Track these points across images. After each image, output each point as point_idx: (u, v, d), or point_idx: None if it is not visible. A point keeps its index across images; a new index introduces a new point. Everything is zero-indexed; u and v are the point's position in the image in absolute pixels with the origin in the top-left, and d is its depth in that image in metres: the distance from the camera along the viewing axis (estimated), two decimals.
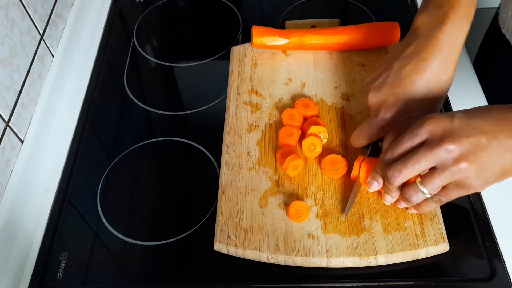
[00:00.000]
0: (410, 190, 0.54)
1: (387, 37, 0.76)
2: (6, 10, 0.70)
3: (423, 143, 0.51)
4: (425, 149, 0.50)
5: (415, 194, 0.54)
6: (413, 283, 0.58)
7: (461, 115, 0.50)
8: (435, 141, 0.49)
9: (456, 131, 0.49)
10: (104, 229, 0.65)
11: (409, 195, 0.54)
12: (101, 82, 0.82)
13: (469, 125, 0.49)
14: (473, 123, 0.49)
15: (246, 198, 0.63)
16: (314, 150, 0.66)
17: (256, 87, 0.75)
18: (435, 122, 0.50)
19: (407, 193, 0.54)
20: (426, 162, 0.50)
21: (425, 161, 0.50)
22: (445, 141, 0.48)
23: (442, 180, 0.50)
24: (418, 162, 0.50)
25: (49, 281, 0.61)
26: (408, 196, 0.54)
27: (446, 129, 0.49)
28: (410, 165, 0.51)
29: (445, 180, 0.50)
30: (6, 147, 0.69)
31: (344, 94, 0.73)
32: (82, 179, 0.70)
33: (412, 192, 0.54)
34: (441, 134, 0.49)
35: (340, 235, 0.59)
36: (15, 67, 0.72)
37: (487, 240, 0.60)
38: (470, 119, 0.49)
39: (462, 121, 0.49)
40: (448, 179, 0.50)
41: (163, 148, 0.74)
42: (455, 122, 0.49)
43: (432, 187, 0.51)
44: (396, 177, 0.52)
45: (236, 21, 0.91)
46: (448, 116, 0.50)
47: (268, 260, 0.59)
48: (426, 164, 0.50)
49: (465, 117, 0.49)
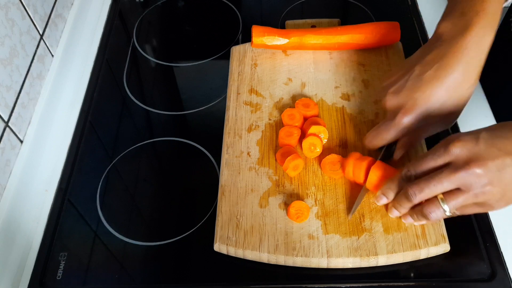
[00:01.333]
0: (431, 207, 0.53)
1: (387, 37, 0.76)
2: (6, 10, 0.70)
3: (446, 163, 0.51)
4: (450, 171, 0.50)
5: (436, 211, 0.53)
6: (413, 283, 0.58)
7: (486, 136, 0.49)
8: (460, 164, 0.49)
9: (482, 154, 0.48)
10: (104, 229, 0.65)
11: (429, 212, 0.53)
12: (101, 82, 0.82)
13: (494, 146, 0.48)
14: (498, 143, 0.48)
15: (246, 198, 0.63)
16: (314, 150, 0.65)
17: (256, 87, 0.75)
18: (460, 144, 0.49)
19: (427, 209, 0.54)
20: (450, 184, 0.50)
21: (449, 183, 0.50)
22: (471, 165, 0.48)
23: (466, 201, 0.50)
24: (441, 183, 0.50)
25: (48, 281, 0.60)
26: (427, 212, 0.54)
27: (472, 151, 0.49)
28: (433, 185, 0.51)
29: (468, 201, 0.50)
30: (5, 147, 0.68)
31: (344, 94, 0.73)
32: (82, 179, 0.70)
33: (433, 209, 0.53)
34: (467, 157, 0.49)
35: (340, 235, 0.59)
36: (15, 67, 0.72)
37: (488, 240, 0.60)
38: (495, 140, 0.48)
39: (487, 142, 0.48)
40: (471, 201, 0.50)
41: (163, 148, 0.74)
42: (480, 144, 0.49)
43: (454, 206, 0.51)
44: (417, 195, 0.52)
45: (236, 21, 0.91)
46: (473, 137, 0.49)
47: (268, 260, 0.59)
48: (449, 185, 0.50)
49: (489, 138, 0.49)
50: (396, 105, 0.58)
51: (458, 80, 0.55)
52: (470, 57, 0.54)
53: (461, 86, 0.55)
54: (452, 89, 0.55)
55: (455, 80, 0.55)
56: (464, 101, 0.57)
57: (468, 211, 0.52)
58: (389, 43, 0.78)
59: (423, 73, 0.56)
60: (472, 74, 0.55)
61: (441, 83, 0.55)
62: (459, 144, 0.49)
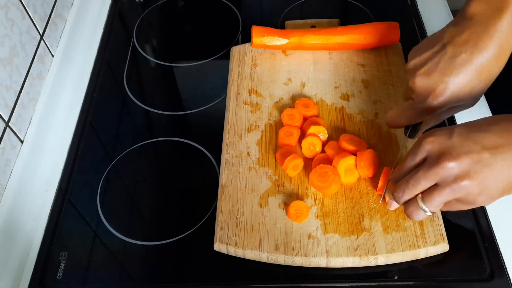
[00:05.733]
0: (410, 207, 0.53)
1: (387, 37, 0.76)
2: (6, 10, 0.70)
3: (424, 161, 0.50)
4: (425, 169, 0.49)
5: (415, 210, 0.52)
6: (412, 283, 0.58)
7: (461, 130, 0.48)
8: (433, 160, 0.48)
9: (455, 148, 0.47)
10: (104, 229, 0.65)
11: (409, 212, 0.53)
12: (101, 82, 0.82)
13: (469, 140, 0.47)
14: (474, 137, 0.47)
15: (246, 198, 0.63)
16: (314, 150, 0.66)
17: (256, 87, 0.75)
18: (432, 140, 0.49)
19: (407, 210, 0.53)
20: (426, 181, 0.49)
21: (425, 180, 0.49)
22: (443, 159, 0.47)
23: (442, 198, 0.49)
24: (418, 182, 0.50)
25: (49, 281, 0.61)
26: (409, 214, 0.53)
27: (444, 146, 0.48)
28: (412, 185, 0.50)
29: (445, 197, 0.49)
30: (6, 147, 0.69)
31: (344, 94, 0.73)
32: (82, 179, 0.70)
33: (411, 208, 0.52)
34: (439, 152, 0.48)
35: (340, 235, 0.59)
36: (15, 67, 0.72)
37: (487, 240, 0.60)
38: (471, 133, 0.48)
39: (461, 136, 0.48)
40: (449, 196, 0.49)
41: (163, 148, 0.74)
42: (453, 137, 0.48)
43: (432, 204, 0.50)
44: (400, 197, 0.52)
45: (236, 21, 0.91)
46: (446, 131, 0.49)
47: (268, 260, 0.59)
48: (427, 183, 0.49)
49: (464, 131, 0.48)
50: (426, 88, 0.56)
51: (491, 64, 0.53)
52: (506, 39, 0.53)
53: (493, 69, 0.54)
54: (485, 73, 0.54)
55: (489, 64, 0.53)
56: (491, 82, 0.55)
57: (451, 208, 0.52)
58: (389, 44, 0.78)
59: (457, 55, 0.54)
60: (505, 56, 0.54)
61: (475, 68, 0.53)
62: (432, 139, 0.49)
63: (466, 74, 0.54)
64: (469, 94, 0.55)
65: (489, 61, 0.53)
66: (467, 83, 0.54)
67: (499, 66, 0.54)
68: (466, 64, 0.54)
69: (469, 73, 0.54)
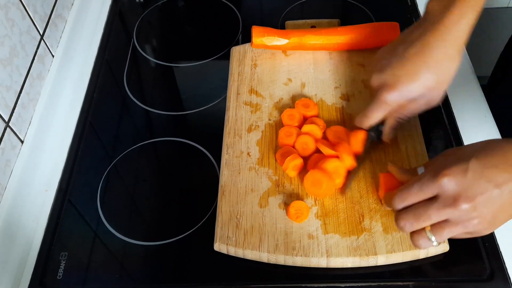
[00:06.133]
0: (418, 238, 0.51)
1: (387, 37, 0.76)
2: (6, 10, 0.70)
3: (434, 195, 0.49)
4: (439, 206, 0.48)
5: (422, 240, 0.51)
6: (413, 283, 0.58)
7: (475, 166, 0.46)
8: (449, 199, 0.47)
9: (470, 188, 0.46)
10: (104, 229, 0.65)
11: (415, 241, 0.52)
12: (101, 82, 0.82)
13: (483, 178, 0.46)
14: (488, 174, 0.46)
15: (246, 198, 0.63)
16: (308, 149, 0.66)
17: (256, 87, 0.75)
18: (448, 177, 0.47)
19: (415, 240, 0.52)
20: (438, 218, 0.49)
21: (438, 217, 0.49)
22: (459, 200, 0.46)
23: (453, 233, 0.49)
24: (430, 218, 0.49)
25: (49, 281, 0.61)
26: (415, 242, 0.52)
27: (460, 185, 0.47)
28: (422, 220, 0.49)
29: (456, 233, 0.49)
30: (6, 147, 0.69)
31: (344, 94, 0.73)
32: (82, 179, 0.70)
33: (419, 238, 0.51)
34: (455, 192, 0.47)
35: (340, 235, 0.59)
36: (15, 67, 0.72)
37: (487, 240, 0.60)
38: (484, 171, 0.46)
39: (476, 173, 0.46)
40: (459, 232, 0.49)
41: (163, 148, 0.74)
42: (468, 176, 0.46)
43: (441, 237, 0.50)
44: (408, 228, 0.51)
45: (236, 21, 0.91)
46: (462, 168, 0.47)
47: (268, 260, 0.59)
48: (438, 219, 0.49)
49: (479, 168, 0.46)
50: (379, 83, 0.60)
51: (438, 57, 0.57)
52: (451, 35, 0.56)
53: (442, 63, 0.57)
54: (433, 66, 0.57)
55: (436, 57, 0.57)
56: (446, 78, 0.58)
57: (456, 237, 0.51)
58: None
59: (406, 50, 0.58)
60: (452, 51, 0.57)
61: (422, 60, 0.57)
62: (447, 177, 0.47)
63: (414, 67, 0.57)
64: (421, 87, 0.58)
65: (436, 54, 0.56)
66: (417, 76, 0.57)
67: (449, 59, 0.57)
68: (413, 57, 0.57)
69: (417, 66, 0.57)
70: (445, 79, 0.58)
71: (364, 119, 0.63)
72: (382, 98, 0.59)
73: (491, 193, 0.46)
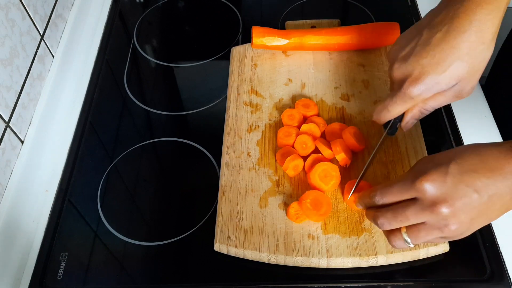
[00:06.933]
0: (394, 238, 0.51)
1: (387, 37, 0.76)
2: (6, 10, 0.70)
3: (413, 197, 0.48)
4: (417, 209, 0.47)
5: (398, 241, 0.51)
6: (413, 283, 0.58)
7: (455, 170, 0.46)
8: (427, 203, 0.46)
9: (449, 193, 0.45)
10: (104, 229, 0.65)
11: (391, 241, 0.51)
12: (101, 82, 0.82)
13: (463, 183, 0.45)
14: (467, 179, 0.45)
15: (246, 199, 0.63)
16: (307, 148, 0.66)
17: (256, 87, 0.75)
18: (428, 181, 0.46)
19: (390, 238, 0.51)
20: (416, 220, 0.48)
21: (415, 219, 0.48)
22: (438, 205, 0.46)
23: (430, 237, 0.48)
24: (407, 219, 0.48)
25: (49, 282, 0.61)
26: (390, 241, 0.51)
27: (439, 189, 0.46)
28: (400, 220, 0.48)
29: (432, 236, 0.48)
30: (6, 148, 0.69)
31: (344, 95, 0.73)
32: (82, 179, 0.70)
33: (396, 240, 0.51)
34: (434, 196, 0.46)
35: (340, 235, 0.59)
36: (15, 68, 0.72)
37: (487, 240, 0.60)
38: (464, 175, 0.45)
39: (455, 178, 0.45)
40: (436, 235, 0.48)
41: (163, 149, 0.74)
42: (448, 180, 0.45)
43: (417, 240, 0.49)
44: (385, 227, 0.50)
45: (236, 21, 0.91)
46: (441, 173, 0.46)
47: (268, 260, 0.59)
48: (416, 221, 0.48)
49: (458, 173, 0.45)
50: (403, 74, 0.53)
51: (470, 42, 0.50)
52: (484, 15, 0.49)
53: (474, 49, 0.50)
54: (464, 53, 0.50)
55: (467, 43, 0.50)
56: (478, 67, 0.51)
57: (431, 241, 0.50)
58: (389, 44, 0.78)
59: (432, 36, 0.51)
60: (487, 34, 0.50)
61: (451, 46, 0.50)
62: (427, 181, 0.46)
63: (442, 55, 0.51)
64: (450, 77, 0.51)
65: (466, 39, 0.50)
66: (445, 65, 0.51)
67: (482, 44, 0.50)
68: (441, 43, 0.51)
69: (445, 53, 0.50)
70: (479, 68, 0.51)
71: (384, 112, 0.57)
72: (405, 91, 0.53)
73: (470, 198, 0.45)
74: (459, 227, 0.46)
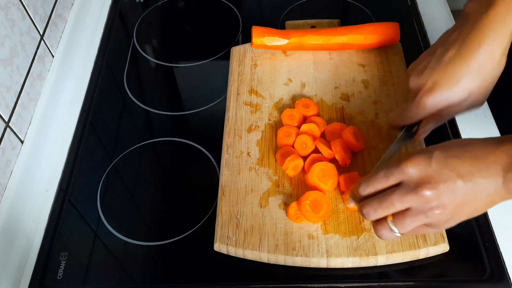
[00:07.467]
0: (380, 228, 0.52)
1: (387, 37, 0.76)
2: (6, 10, 0.70)
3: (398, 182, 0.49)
4: (401, 192, 0.48)
5: (384, 231, 0.51)
6: (413, 283, 0.58)
7: (439, 155, 0.48)
8: (411, 185, 0.48)
9: (433, 175, 0.47)
10: (104, 229, 0.65)
11: (378, 231, 0.52)
12: (101, 82, 0.82)
13: (447, 167, 0.47)
14: (451, 164, 0.47)
15: (246, 198, 0.63)
16: (306, 148, 0.66)
17: (256, 87, 0.75)
18: (412, 164, 0.48)
19: (376, 228, 0.52)
20: (401, 205, 0.49)
21: (400, 204, 0.49)
22: (422, 186, 0.47)
23: (414, 223, 0.49)
24: (393, 204, 0.49)
25: (49, 282, 0.61)
26: (377, 231, 0.52)
27: (424, 172, 0.47)
28: (385, 206, 0.49)
29: (417, 223, 0.49)
30: (6, 148, 0.69)
31: (344, 95, 0.73)
32: (82, 179, 0.70)
33: (381, 228, 0.52)
34: (418, 178, 0.48)
35: (340, 235, 0.59)
36: (15, 68, 0.72)
37: (487, 240, 0.60)
38: (448, 160, 0.47)
39: (440, 163, 0.47)
40: (421, 222, 0.49)
41: (163, 148, 0.74)
42: (432, 164, 0.47)
43: (403, 228, 0.50)
44: (372, 215, 0.51)
45: (236, 21, 0.91)
46: (426, 156, 0.48)
47: (268, 260, 0.59)
48: (401, 206, 0.49)
49: (442, 158, 0.47)
50: (417, 86, 0.57)
51: (480, 59, 0.53)
52: (494, 35, 0.52)
53: (484, 66, 0.53)
54: (475, 69, 0.53)
55: (478, 60, 0.53)
56: (489, 81, 0.54)
57: (416, 232, 0.51)
58: (389, 44, 0.78)
59: (445, 53, 0.55)
60: (497, 53, 0.53)
61: (463, 63, 0.54)
62: (411, 164, 0.48)
63: (453, 70, 0.54)
64: (462, 91, 0.54)
65: (477, 56, 0.53)
66: (456, 80, 0.54)
67: (492, 62, 0.53)
68: (453, 60, 0.54)
69: (457, 69, 0.54)
70: (490, 82, 0.55)
71: (398, 119, 0.61)
72: (419, 102, 0.56)
73: (453, 182, 0.46)
74: (443, 212, 0.47)
